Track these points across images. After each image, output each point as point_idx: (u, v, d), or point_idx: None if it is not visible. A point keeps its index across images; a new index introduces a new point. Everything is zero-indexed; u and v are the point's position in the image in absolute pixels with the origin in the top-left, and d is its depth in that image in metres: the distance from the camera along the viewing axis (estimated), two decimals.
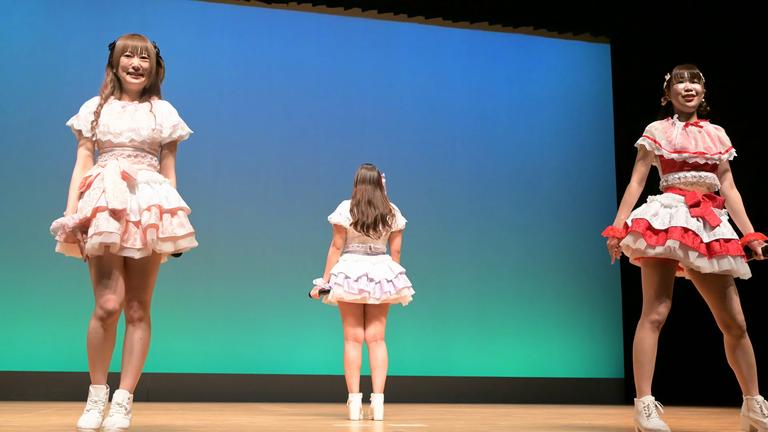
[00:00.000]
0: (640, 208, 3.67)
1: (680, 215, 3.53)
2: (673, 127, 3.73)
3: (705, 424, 4.64)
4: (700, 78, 3.76)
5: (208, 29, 8.33)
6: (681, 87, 3.73)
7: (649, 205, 3.66)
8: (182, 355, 7.71)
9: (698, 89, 3.74)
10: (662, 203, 3.61)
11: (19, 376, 7.30)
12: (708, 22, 8.58)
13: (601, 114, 9.32)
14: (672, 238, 3.47)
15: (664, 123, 3.77)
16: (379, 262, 4.90)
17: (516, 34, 9.21)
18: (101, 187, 3.08)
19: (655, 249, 3.51)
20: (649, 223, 3.55)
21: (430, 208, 8.58)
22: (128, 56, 3.25)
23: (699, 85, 3.75)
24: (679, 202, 3.60)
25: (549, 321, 8.74)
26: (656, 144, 3.69)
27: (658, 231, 3.53)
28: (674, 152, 3.66)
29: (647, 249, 3.53)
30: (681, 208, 3.56)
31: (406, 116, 8.72)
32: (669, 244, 3.48)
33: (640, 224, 3.56)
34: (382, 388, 4.81)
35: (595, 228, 9.10)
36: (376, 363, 4.84)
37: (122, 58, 3.25)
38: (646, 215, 3.58)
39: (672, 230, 3.49)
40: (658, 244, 3.51)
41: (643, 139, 3.74)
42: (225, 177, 8.14)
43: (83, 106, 3.28)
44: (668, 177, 3.70)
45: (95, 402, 3.11)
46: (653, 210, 3.59)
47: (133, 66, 3.25)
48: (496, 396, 8.37)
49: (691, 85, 3.73)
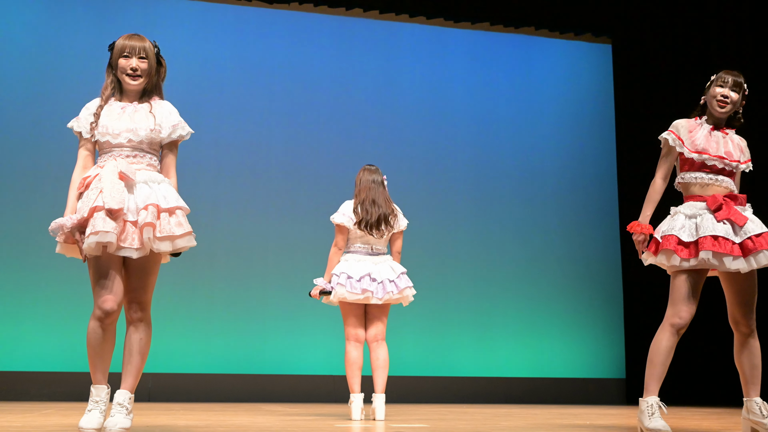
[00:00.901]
0: (665, 223, 3.64)
1: (707, 223, 3.51)
2: (699, 128, 3.70)
3: (706, 424, 4.64)
4: (741, 88, 3.73)
5: (210, 30, 8.33)
6: (719, 91, 3.70)
7: (673, 218, 3.62)
8: (184, 356, 7.72)
9: (734, 98, 3.71)
10: (686, 214, 3.58)
11: (21, 376, 7.31)
12: (709, 22, 8.57)
13: (602, 114, 9.31)
14: (704, 249, 3.45)
15: (691, 121, 3.74)
16: (380, 262, 4.91)
17: (517, 34, 9.21)
18: (99, 187, 3.08)
19: (690, 261, 3.50)
20: (678, 238, 3.52)
21: (430, 209, 8.58)
22: (126, 57, 3.24)
23: (737, 94, 3.72)
24: (702, 209, 3.57)
25: (550, 321, 8.73)
26: (679, 140, 3.66)
27: (689, 243, 3.51)
28: (695, 152, 3.62)
29: (682, 263, 3.51)
30: (706, 216, 3.53)
31: (407, 116, 8.72)
32: (702, 256, 3.46)
33: (670, 241, 3.54)
34: (383, 388, 4.82)
35: (597, 228, 9.10)
36: (378, 363, 4.84)
37: (120, 59, 3.24)
38: (674, 230, 3.55)
39: (702, 241, 3.47)
40: (691, 256, 3.50)
41: (668, 134, 3.70)
42: (226, 177, 8.14)
43: (84, 108, 3.29)
44: (684, 175, 3.67)
45: (96, 402, 3.11)
46: (680, 224, 3.56)
47: (131, 67, 3.23)
48: (498, 396, 8.37)
49: (729, 92, 3.70)
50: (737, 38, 8.35)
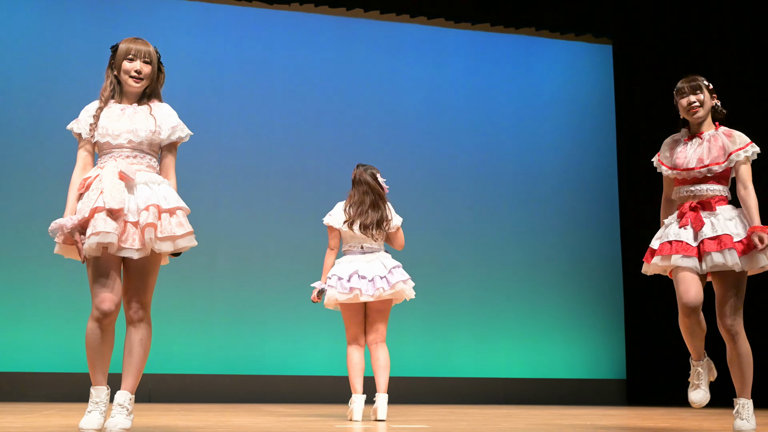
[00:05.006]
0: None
1: (671, 230, 3.77)
2: (680, 142, 3.88)
3: (707, 425, 4.64)
4: (702, 88, 3.83)
5: (210, 30, 8.33)
6: (683, 101, 3.85)
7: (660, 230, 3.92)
8: (184, 356, 7.72)
9: (702, 98, 3.82)
10: (665, 224, 3.85)
11: (21, 377, 7.31)
12: (710, 22, 8.57)
13: (603, 115, 9.31)
14: (657, 254, 3.76)
15: (676, 136, 3.94)
16: (372, 260, 4.86)
17: (518, 35, 9.21)
18: (99, 188, 3.09)
19: (650, 266, 3.82)
20: (651, 247, 3.84)
21: (431, 209, 8.58)
22: (131, 60, 3.26)
23: (702, 94, 3.82)
24: (673, 218, 3.82)
25: (551, 322, 8.73)
26: (660, 163, 3.91)
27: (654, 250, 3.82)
28: (671, 169, 3.85)
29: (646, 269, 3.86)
30: (673, 224, 3.78)
31: (407, 117, 8.72)
32: (654, 260, 3.77)
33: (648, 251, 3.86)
34: (386, 387, 4.80)
35: (597, 229, 9.10)
36: (378, 364, 4.83)
37: (124, 61, 3.26)
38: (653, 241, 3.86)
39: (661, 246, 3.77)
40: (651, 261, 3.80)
41: (655, 158, 3.95)
42: (227, 178, 8.14)
43: (83, 110, 3.31)
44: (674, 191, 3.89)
45: (96, 403, 3.11)
46: (658, 234, 3.85)
47: (135, 70, 3.26)
48: (498, 397, 8.37)
49: (693, 97, 3.82)
50: (737, 38, 8.34)
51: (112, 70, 3.31)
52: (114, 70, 3.30)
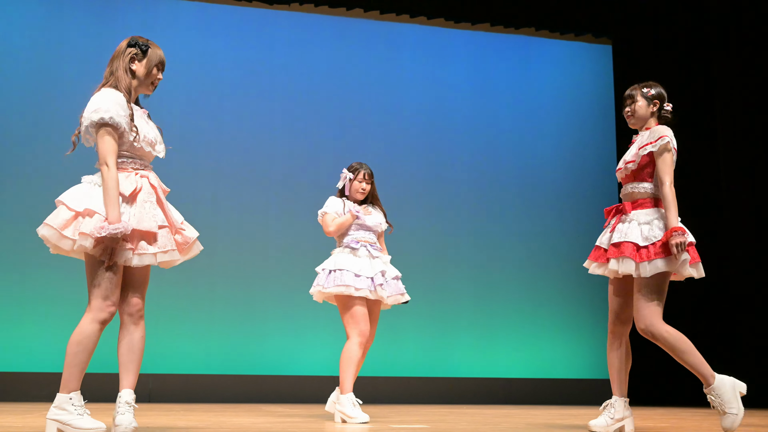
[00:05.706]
0: None
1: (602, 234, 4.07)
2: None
3: (706, 425, 4.64)
4: (634, 97, 4.02)
5: (210, 30, 8.33)
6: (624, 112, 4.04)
7: None
8: (184, 356, 7.71)
9: (632, 108, 4.00)
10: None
11: (22, 377, 7.30)
12: (710, 23, 8.56)
13: (602, 115, 9.31)
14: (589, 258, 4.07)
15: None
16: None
17: (518, 35, 9.21)
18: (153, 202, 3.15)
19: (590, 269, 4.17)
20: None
21: (430, 210, 8.58)
22: (158, 69, 3.31)
23: (633, 103, 4.01)
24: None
25: (550, 322, 8.73)
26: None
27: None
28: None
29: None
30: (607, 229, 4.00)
31: (407, 117, 8.72)
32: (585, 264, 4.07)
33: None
34: None
35: (597, 229, 9.08)
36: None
37: (155, 68, 3.29)
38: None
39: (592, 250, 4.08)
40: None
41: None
42: (227, 178, 8.14)
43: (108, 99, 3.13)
44: None
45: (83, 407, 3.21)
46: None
47: (159, 79, 3.32)
48: (498, 397, 8.37)
49: (626, 108, 4.02)
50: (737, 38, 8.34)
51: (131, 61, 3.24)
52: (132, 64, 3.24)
